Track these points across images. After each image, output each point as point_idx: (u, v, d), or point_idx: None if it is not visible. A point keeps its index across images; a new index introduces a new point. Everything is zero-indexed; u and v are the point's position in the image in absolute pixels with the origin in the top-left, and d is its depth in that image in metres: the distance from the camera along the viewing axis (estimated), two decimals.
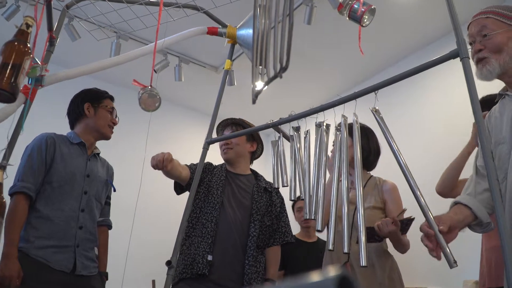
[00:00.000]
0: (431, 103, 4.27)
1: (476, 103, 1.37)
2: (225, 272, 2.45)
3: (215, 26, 2.49)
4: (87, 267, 2.36)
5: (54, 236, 2.26)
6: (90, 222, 2.44)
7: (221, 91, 2.55)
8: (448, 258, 1.43)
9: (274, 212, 2.68)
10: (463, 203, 1.69)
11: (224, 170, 2.73)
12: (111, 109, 2.59)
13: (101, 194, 2.56)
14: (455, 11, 1.55)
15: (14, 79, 1.34)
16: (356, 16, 1.96)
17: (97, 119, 2.52)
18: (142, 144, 2.43)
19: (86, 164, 2.48)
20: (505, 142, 1.65)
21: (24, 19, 1.47)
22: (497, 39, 1.68)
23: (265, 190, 2.70)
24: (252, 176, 2.78)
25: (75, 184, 2.39)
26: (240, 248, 2.52)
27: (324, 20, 3.91)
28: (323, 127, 1.91)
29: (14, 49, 1.39)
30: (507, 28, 1.69)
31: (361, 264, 1.59)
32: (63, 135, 2.50)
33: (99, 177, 2.55)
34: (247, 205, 2.61)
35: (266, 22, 1.22)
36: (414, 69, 1.57)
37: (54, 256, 2.23)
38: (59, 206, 2.31)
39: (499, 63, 1.67)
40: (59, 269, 2.23)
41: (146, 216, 3.26)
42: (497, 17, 1.72)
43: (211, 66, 5.06)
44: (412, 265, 3.73)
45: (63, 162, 2.37)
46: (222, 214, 2.54)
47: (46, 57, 2.34)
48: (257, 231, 2.54)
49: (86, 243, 2.39)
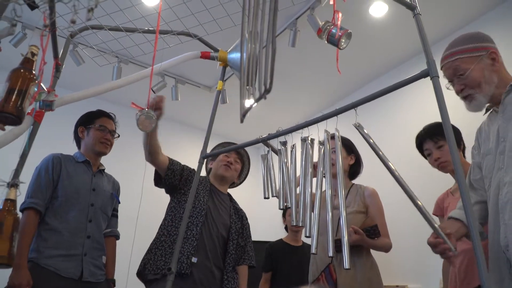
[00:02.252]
0: (406, 119, 4.28)
1: (446, 118, 1.36)
2: (206, 275, 2.39)
3: (208, 51, 2.49)
4: (94, 274, 2.36)
5: (61, 246, 2.27)
6: (97, 232, 2.45)
7: (214, 109, 2.55)
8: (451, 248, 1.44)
9: (245, 234, 2.65)
10: (455, 217, 1.69)
11: (208, 182, 2.68)
12: (102, 127, 2.60)
13: (107, 207, 2.57)
14: (425, 34, 1.55)
15: (20, 103, 1.33)
16: (334, 40, 1.96)
17: (89, 139, 2.57)
18: (142, 158, 2.42)
19: (92, 180, 2.51)
20: (491, 153, 1.66)
21: (29, 48, 1.46)
22: (473, 75, 1.66)
23: (239, 212, 2.68)
24: (228, 197, 2.75)
25: (81, 198, 2.40)
26: (219, 257, 2.48)
27: (307, 43, 3.93)
28: (308, 142, 1.91)
29: (20, 76, 1.37)
30: (476, 60, 1.67)
31: (345, 266, 1.57)
32: (69, 155, 2.54)
33: (105, 191, 2.57)
34: (226, 222, 2.56)
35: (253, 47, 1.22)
36: (389, 88, 1.57)
37: (62, 264, 2.23)
38: (65, 218, 2.33)
39: (483, 95, 1.66)
40: (68, 277, 2.24)
41: (147, 224, 3.22)
42: (463, 55, 1.70)
43: (205, 86, 5.06)
44: (392, 264, 3.71)
45: (69, 179, 2.40)
46: (205, 223, 2.47)
47: (53, 83, 2.33)
48: (234, 249, 2.51)
49: (94, 252, 2.39)
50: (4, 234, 1.41)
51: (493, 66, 1.67)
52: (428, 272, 3.52)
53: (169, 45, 2.50)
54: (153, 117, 1.94)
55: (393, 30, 3.96)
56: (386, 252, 2.52)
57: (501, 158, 1.57)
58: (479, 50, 1.69)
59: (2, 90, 1.36)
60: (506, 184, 1.52)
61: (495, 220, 1.55)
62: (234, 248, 2.51)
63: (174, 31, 2.47)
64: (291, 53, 4.08)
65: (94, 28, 2.38)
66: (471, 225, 1.25)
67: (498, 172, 1.57)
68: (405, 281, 3.70)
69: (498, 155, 1.59)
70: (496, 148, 1.62)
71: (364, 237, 2.35)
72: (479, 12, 3.74)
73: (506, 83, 1.64)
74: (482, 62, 1.67)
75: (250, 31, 1.23)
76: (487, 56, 1.68)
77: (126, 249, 2.76)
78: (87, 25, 2.29)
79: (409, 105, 4.22)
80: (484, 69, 1.66)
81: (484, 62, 1.67)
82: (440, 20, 3.82)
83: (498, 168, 1.58)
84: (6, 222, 1.42)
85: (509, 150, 1.54)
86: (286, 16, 3.75)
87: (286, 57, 4.29)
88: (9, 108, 1.32)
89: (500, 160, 1.57)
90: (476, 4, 3.66)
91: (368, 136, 1.66)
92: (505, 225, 1.49)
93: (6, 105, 1.32)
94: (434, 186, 2.72)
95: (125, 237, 2.84)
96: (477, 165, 1.76)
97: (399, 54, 4.34)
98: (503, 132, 1.59)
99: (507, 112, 1.61)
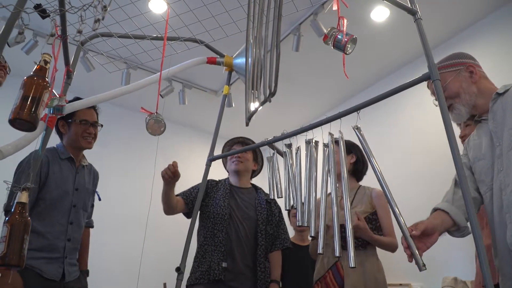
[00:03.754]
0: (408, 120, 4.28)
1: (448, 120, 1.37)
2: (238, 277, 2.43)
3: (214, 56, 2.50)
4: (72, 273, 2.32)
5: (45, 249, 2.22)
6: (77, 233, 2.38)
7: (220, 113, 2.56)
8: (417, 262, 1.43)
9: (274, 221, 2.66)
10: (441, 208, 1.70)
11: (228, 184, 2.71)
12: (83, 121, 2.44)
13: (87, 203, 2.49)
14: (426, 38, 1.56)
15: (34, 110, 1.34)
16: (340, 46, 1.96)
17: (71, 134, 2.43)
18: (151, 161, 2.42)
19: (75, 178, 2.41)
20: (485, 158, 1.68)
21: (42, 56, 1.46)
22: (451, 87, 1.76)
23: (266, 201, 2.69)
24: (253, 189, 2.77)
25: (65, 200, 2.33)
26: (249, 256, 2.51)
27: (311, 47, 3.93)
28: (312, 144, 1.91)
29: (34, 83, 1.38)
30: (454, 74, 1.77)
31: (350, 265, 1.57)
32: (53, 149, 2.41)
33: (86, 188, 2.48)
34: (252, 216, 2.59)
35: (257, 52, 1.23)
36: (391, 91, 1.58)
37: (45, 266, 2.20)
38: (50, 222, 2.27)
39: (462, 104, 1.74)
40: (51, 278, 2.21)
41: (157, 226, 3.23)
42: (443, 70, 1.80)
43: (211, 90, 5.07)
44: (395, 263, 3.70)
45: (55, 182, 2.30)
46: (231, 225, 2.52)
47: (64, 89, 2.34)
48: (264, 241, 2.53)
49: (73, 252, 2.35)
50: (17, 238, 1.42)
51: (471, 78, 1.76)
52: (431, 271, 3.50)
53: (176, 51, 2.51)
54: (162, 121, 1.95)
55: (394, 34, 3.96)
56: (393, 252, 2.51)
57: (500, 161, 1.59)
58: (456, 65, 1.80)
59: (16, 97, 1.37)
60: (510, 184, 1.52)
61: (500, 222, 1.55)
62: (264, 239, 2.54)
63: (181, 38, 2.48)
64: (295, 58, 4.09)
65: (104, 35, 2.39)
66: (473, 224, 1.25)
67: (499, 174, 1.58)
68: (408, 280, 3.69)
69: (496, 159, 1.61)
70: (492, 152, 1.64)
71: (366, 226, 2.34)
72: (478, 17, 3.74)
73: (490, 93, 1.70)
74: (460, 75, 1.77)
75: (255, 36, 1.24)
76: (464, 69, 1.77)
77: (137, 249, 2.76)
78: (97, 33, 2.31)
79: (411, 107, 4.22)
80: (462, 81, 1.75)
81: (461, 75, 1.76)
82: (441, 24, 3.82)
83: (498, 171, 1.59)
84: (18, 225, 1.42)
85: (506, 152, 1.56)
86: (290, 22, 3.76)
87: (290, 61, 4.30)
88: (24, 115, 1.33)
89: (499, 163, 1.59)
90: (475, 8, 3.66)
91: (364, 138, 1.67)
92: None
93: (21, 112, 1.33)
94: (439, 186, 2.71)
95: (136, 238, 2.84)
96: (465, 165, 1.78)
97: (400, 58, 4.34)
98: (497, 137, 1.63)
99: (498, 117, 1.65)
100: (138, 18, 2.50)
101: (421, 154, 3.89)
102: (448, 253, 2.60)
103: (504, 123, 1.61)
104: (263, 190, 2.80)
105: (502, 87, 1.68)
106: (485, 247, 2.24)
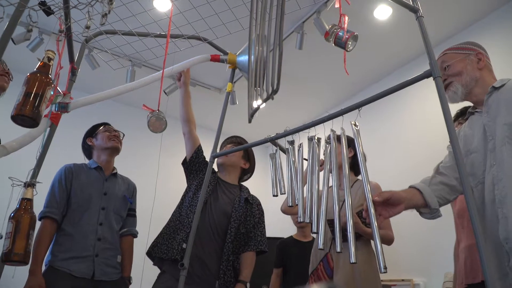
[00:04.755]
0: (410, 118, 4.26)
1: (449, 117, 1.36)
2: (202, 266, 2.37)
3: (217, 54, 2.49)
4: (107, 273, 2.42)
5: (74, 249, 2.34)
6: (109, 234, 2.49)
7: (224, 110, 2.54)
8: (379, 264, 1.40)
9: (251, 222, 2.59)
10: (415, 186, 1.70)
11: (217, 177, 2.69)
12: (107, 127, 2.69)
13: (120, 208, 2.61)
14: (428, 36, 1.55)
15: (37, 106, 1.33)
16: (341, 43, 1.95)
17: (99, 141, 2.63)
18: (155, 157, 2.42)
19: (103, 184, 2.56)
20: (477, 151, 1.67)
21: (45, 53, 1.46)
22: (456, 66, 1.76)
23: (246, 201, 2.65)
24: (238, 188, 2.73)
25: (92, 203, 2.45)
26: (217, 248, 2.45)
27: (314, 45, 3.92)
28: (315, 141, 1.90)
29: (37, 80, 1.37)
30: (462, 56, 1.77)
31: (351, 261, 1.55)
32: (82, 164, 2.62)
33: (116, 194, 2.61)
34: (227, 212, 2.53)
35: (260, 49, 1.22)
36: (392, 88, 1.56)
37: (75, 266, 2.31)
38: (78, 223, 2.41)
39: (461, 84, 1.73)
40: (81, 276, 2.31)
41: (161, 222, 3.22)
42: (452, 51, 1.81)
43: (215, 88, 5.07)
44: (398, 259, 3.69)
45: (80, 187, 2.47)
46: (204, 212, 2.45)
47: (69, 86, 2.34)
48: (232, 238, 2.48)
49: (106, 252, 2.45)
50: (21, 233, 1.42)
51: (478, 64, 1.75)
52: (432, 267, 3.50)
53: (180, 48, 2.50)
54: (163, 119, 1.94)
55: (397, 32, 3.94)
56: (388, 245, 2.50)
57: (492, 155, 1.59)
58: (467, 49, 1.79)
59: (19, 93, 1.36)
60: (502, 179, 1.52)
61: (491, 215, 1.54)
62: (232, 237, 2.46)
63: (184, 35, 2.47)
64: (298, 56, 4.07)
65: (108, 33, 2.39)
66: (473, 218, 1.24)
67: (491, 168, 1.58)
68: (410, 276, 3.68)
69: (489, 153, 1.60)
70: (485, 146, 1.63)
71: (358, 220, 2.34)
72: (480, 15, 3.72)
73: (489, 85, 1.69)
74: (468, 58, 1.76)
75: (257, 34, 1.23)
76: (474, 55, 1.77)
77: (141, 245, 2.76)
78: (101, 30, 2.30)
79: (413, 105, 4.20)
80: (468, 63, 1.75)
81: (469, 59, 1.76)
82: (443, 22, 3.79)
83: (490, 165, 1.59)
84: (23, 221, 1.42)
85: (499, 146, 1.56)
86: (293, 20, 3.74)
87: (294, 59, 4.28)
88: (26, 111, 1.33)
89: (492, 157, 1.59)
90: (476, 7, 3.64)
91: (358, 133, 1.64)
92: (506, 218, 1.49)
93: (23, 108, 1.33)
94: None
95: (140, 234, 2.84)
96: (450, 154, 1.78)
97: (403, 56, 4.32)
98: (491, 131, 1.62)
99: (492, 111, 1.64)
100: (142, 16, 2.49)
101: (423, 151, 3.87)
102: (450, 249, 2.58)
103: (497, 118, 1.61)
104: (248, 190, 2.77)
105: (499, 81, 1.68)
106: (466, 247, 2.24)
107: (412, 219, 2.98)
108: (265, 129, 3.22)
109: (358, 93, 4.92)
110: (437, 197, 1.68)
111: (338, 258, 2.40)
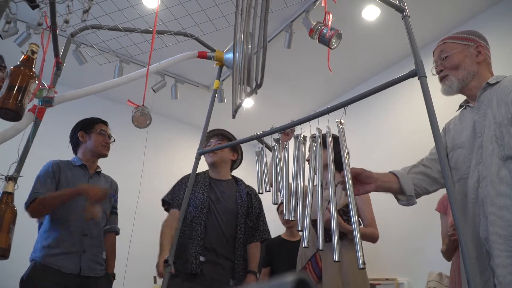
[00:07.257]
0: (396, 117, 4.29)
1: (433, 117, 1.37)
2: (215, 269, 2.41)
3: (205, 51, 2.49)
4: (94, 269, 2.44)
5: (61, 245, 2.35)
6: (95, 231, 2.51)
7: (210, 108, 2.54)
8: (358, 259, 1.41)
9: (254, 213, 2.64)
10: (393, 172, 1.72)
11: (208, 177, 2.67)
12: (103, 131, 2.67)
13: (104, 205, 2.61)
14: (413, 35, 1.56)
15: (20, 100, 1.32)
16: (325, 40, 1.97)
17: (91, 142, 2.63)
18: (140, 155, 2.42)
19: (88, 181, 2.58)
20: (464, 147, 1.67)
21: (29, 46, 1.45)
22: (454, 58, 1.73)
23: (247, 194, 2.67)
24: (233, 181, 2.74)
25: (78, 200, 2.43)
26: (228, 247, 2.48)
27: (302, 45, 3.92)
28: (301, 139, 1.90)
29: (20, 73, 1.36)
30: (462, 48, 1.74)
31: (335, 259, 1.56)
32: (67, 160, 2.61)
33: None
34: (232, 210, 2.56)
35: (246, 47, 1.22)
36: (377, 88, 1.57)
37: (63, 262, 2.33)
38: (65, 220, 2.41)
39: (457, 78, 1.71)
40: (69, 272, 2.33)
41: (145, 219, 3.21)
42: (453, 40, 1.77)
43: (203, 86, 5.06)
44: (382, 258, 3.72)
45: (67, 183, 2.47)
46: (209, 218, 2.49)
47: (54, 80, 2.32)
48: (243, 233, 2.52)
49: (93, 249, 2.47)
50: (3, 227, 1.41)
51: (477, 57, 1.72)
52: (416, 266, 3.53)
53: (166, 44, 2.49)
54: (148, 114, 1.94)
55: (385, 33, 3.97)
56: (373, 243, 2.51)
57: (479, 153, 1.59)
58: (468, 40, 1.75)
59: (3, 87, 1.35)
60: (485, 177, 1.53)
61: (474, 213, 1.56)
62: (243, 232, 2.53)
63: (171, 31, 2.46)
64: (287, 55, 4.08)
65: (94, 27, 2.37)
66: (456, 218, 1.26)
67: (477, 166, 1.58)
68: (394, 275, 3.71)
69: (476, 150, 1.60)
70: (473, 143, 1.63)
71: (340, 219, 2.35)
72: (467, 17, 3.75)
73: (485, 80, 1.68)
74: (467, 50, 1.73)
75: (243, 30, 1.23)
76: (474, 47, 1.73)
77: (125, 243, 2.75)
78: (87, 25, 2.29)
79: (400, 105, 4.23)
80: (467, 56, 1.72)
81: (469, 51, 1.72)
82: (430, 23, 3.82)
83: (476, 162, 1.59)
84: (5, 215, 1.41)
85: (487, 145, 1.56)
86: (282, 19, 3.75)
87: (282, 59, 4.29)
88: (9, 104, 1.32)
89: (479, 155, 1.59)
90: (464, 9, 3.67)
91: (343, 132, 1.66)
92: (486, 218, 1.50)
93: (6, 101, 1.32)
94: None
95: (123, 232, 2.84)
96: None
97: (391, 56, 4.35)
98: (480, 128, 1.62)
99: (483, 108, 1.64)
100: (128, 11, 2.48)
101: (408, 151, 3.89)
102: (434, 249, 2.61)
103: (488, 115, 1.60)
104: (243, 181, 2.78)
105: (494, 78, 1.67)
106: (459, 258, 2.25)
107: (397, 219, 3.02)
108: (253, 127, 3.23)
109: (347, 92, 4.94)
110: (415, 185, 1.70)
111: (326, 258, 2.41)
